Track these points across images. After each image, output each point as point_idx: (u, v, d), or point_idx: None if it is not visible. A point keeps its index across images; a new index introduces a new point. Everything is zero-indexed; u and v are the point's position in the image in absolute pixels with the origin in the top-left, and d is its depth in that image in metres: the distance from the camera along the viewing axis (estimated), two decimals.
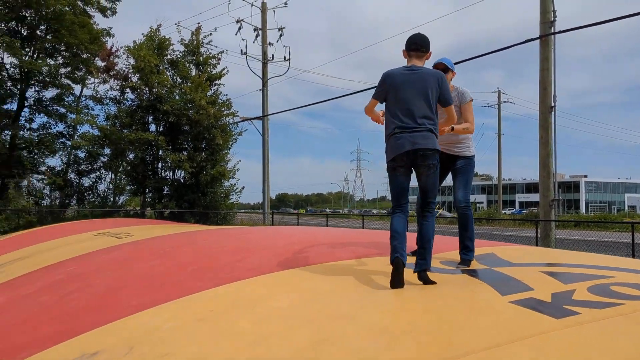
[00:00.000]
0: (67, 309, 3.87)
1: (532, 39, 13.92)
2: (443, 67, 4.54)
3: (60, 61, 24.00)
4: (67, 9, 22.37)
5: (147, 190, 23.49)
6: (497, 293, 3.09)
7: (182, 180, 23.09)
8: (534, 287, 3.15)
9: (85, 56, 23.88)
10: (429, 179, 3.86)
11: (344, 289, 3.52)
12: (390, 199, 4.33)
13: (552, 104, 14.02)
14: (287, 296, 3.39)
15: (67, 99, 24.75)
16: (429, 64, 4.35)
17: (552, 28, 13.99)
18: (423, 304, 3.09)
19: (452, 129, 4.28)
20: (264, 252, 4.90)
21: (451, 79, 4.66)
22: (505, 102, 54.98)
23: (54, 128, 24.62)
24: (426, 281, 3.55)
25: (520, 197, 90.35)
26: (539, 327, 2.44)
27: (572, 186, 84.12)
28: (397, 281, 3.40)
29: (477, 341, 2.36)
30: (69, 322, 3.50)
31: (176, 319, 3.10)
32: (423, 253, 3.67)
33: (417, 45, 4.02)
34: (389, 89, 3.91)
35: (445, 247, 4.99)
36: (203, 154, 22.85)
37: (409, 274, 3.62)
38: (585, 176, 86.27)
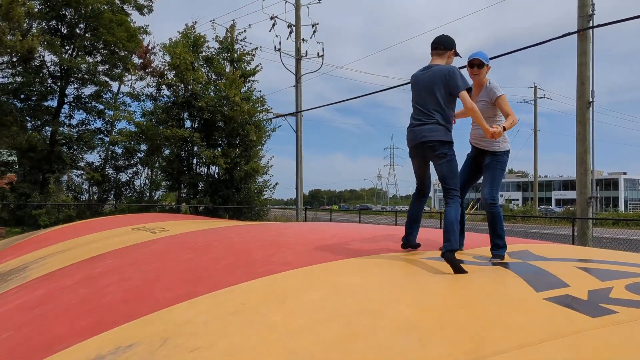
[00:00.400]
0: (104, 301, 3.96)
1: (569, 33, 13.62)
2: (478, 62, 4.57)
3: (99, 59, 24.54)
4: (105, 7, 22.84)
5: (182, 185, 23.81)
6: (531, 289, 3.04)
7: (216, 176, 23.32)
8: (569, 284, 3.09)
9: (122, 54, 24.35)
10: (442, 168, 4.13)
11: (374, 283, 3.52)
12: None
13: (590, 99, 13.69)
14: (317, 290, 3.40)
15: (105, 96, 25.32)
16: (461, 61, 4.48)
17: (591, 22, 13.65)
18: (454, 299, 3.06)
19: (504, 128, 4.34)
20: (297, 247, 4.93)
21: (486, 73, 4.65)
22: (541, 97, 53.90)
23: (93, 124, 25.24)
24: (452, 262, 3.68)
25: (556, 195, 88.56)
26: (573, 326, 2.40)
27: (610, 183, 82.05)
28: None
29: (509, 339, 2.32)
30: (105, 314, 3.59)
31: (209, 312, 3.14)
32: (446, 235, 3.87)
33: (436, 44, 4.40)
34: (412, 88, 4.38)
35: (478, 243, 4.93)
36: (237, 150, 23.01)
37: (444, 265, 3.60)
38: (625, 173, 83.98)
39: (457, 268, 3.64)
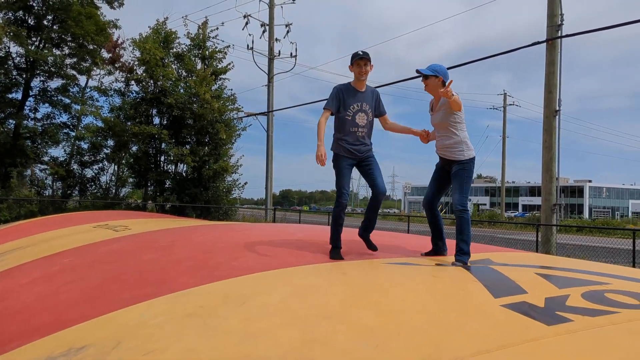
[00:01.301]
0: (60, 300, 3.87)
1: (538, 42, 13.85)
2: (420, 74, 4.88)
3: (66, 52, 24.02)
4: None
5: (149, 183, 23.48)
6: (489, 294, 3.06)
7: (184, 174, 23.05)
8: (527, 290, 3.12)
9: (91, 47, 23.88)
10: None
11: (335, 286, 3.51)
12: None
13: (557, 108, 13.95)
14: (277, 293, 3.37)
15: (72, 90, 24.79)
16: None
17: (559, 32, 13.91)
18: (414, 303, 3.06)
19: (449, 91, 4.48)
20: (260, 250, 4.89)
21: (439, 84, 4.76)
22: (511, 104, 54.81)
23: (58, 118, 24.66)
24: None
25: (523, 200, 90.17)
26: (529, 334, 2.41)
27: (576, 191, 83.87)
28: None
29: (466, 346, 2.33)
30: (61, 314, 3.50)
31: (165, 314, 3.08)
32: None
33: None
34: None
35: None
36: (206, 148, 22.80)
37: (405, 270, 3.59)
38: (590, 181, 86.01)
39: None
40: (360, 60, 4.66)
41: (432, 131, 5.07)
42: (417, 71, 4.87)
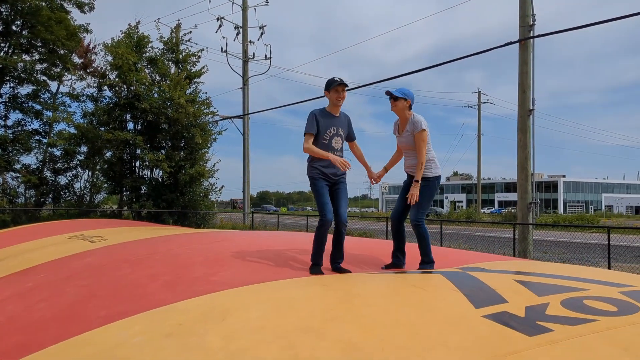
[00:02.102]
0: (34, 319, 3.76)
1: (511, 42, 14.00)
2: (389, 94, 5.09)
3: (37, 57, 23.62)
4: (44, 4, 22.02)
5: (125, 189, 23.20)
6: (470, 305, 3.06)
7: (160, 179, 22.82)
8: (507, 299, 3.12)
9: (62, 52, 23.53)
10: None
11: (315, 299, 3.47)
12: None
13: (531, 107, 14.12)
14: (258, 308, 3.32)
15: (43, 96, 24.39)
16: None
17: (531, 32, 14.08)
18: (396, 316, 3.04)
19: (417, 181, 4.90)
20: (239, 263, 4.85)
21: (405, 107, 5.05)
22: (485, 102, 55.47)
23: (30, 125, 24.25)
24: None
25: (499, 197, 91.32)
26: (511, 346, 2.41)
27: (550, 186, 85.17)
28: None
29: None
30: (33, 334, 3.40)
31: (143, 333, 3.01)
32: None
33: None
34: None
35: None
36: (182, 153, 22.62)
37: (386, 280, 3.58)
38: (564, 176, 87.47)
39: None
40: (339, 87, 4.78)
41: (395, 152, 5.40)
42: (387, 92, 5.07)
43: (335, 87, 4.76)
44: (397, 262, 5.09)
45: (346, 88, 4.83)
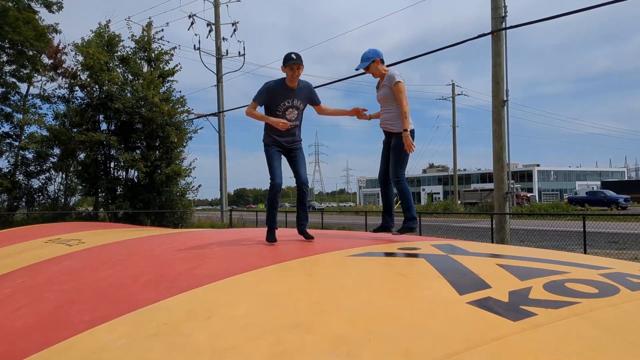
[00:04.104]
0: (14, 328, 3.69)
1: (484, 34, 14.14)
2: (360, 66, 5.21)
3: (5, 59, 23.16)
4: (10, 4, 21.57)
5: (100, 190, 22.90)
6: (455, 292, 3.09)
7: (136, 179, 22.58)
8: (491, 284, 3.16)
9: (30, 53, 23.13)
10: None
11: (300, 291, 3.48)
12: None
13: (505, 98, 14.29)
14: (244, 304, 3.31)
15: (12, 98, 23.93)
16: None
17: (504, 23, 14.23)
18: (382, 307, 3.05)
19: (405, 130, 4.94)
20: (221, 255, 4.83)
21: (378, 65, 5.16)
22: (459, 94, 55.96)
23: (0, 129, 23.78)
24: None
25: (476, 187, 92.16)
26: (497, 332, 2.44)
27: (525, 175, 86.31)
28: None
29: (436, 349, 2.34)
30: (15, 342, 3.34)
31: (129, 335, 2.99)
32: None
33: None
34: None
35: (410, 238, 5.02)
36: (157, 152, 22.41)
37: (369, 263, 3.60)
38: (538, 165, 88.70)
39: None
40: (293, 64, 4.91)
41: (376, 112, 5.47)
42: (357, 69, 5.20)
43: (290, 64, 4.91)
44: (384, 225, 5.32)
45: (302, 65, 4.94)
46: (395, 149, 5.03)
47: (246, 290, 3.61)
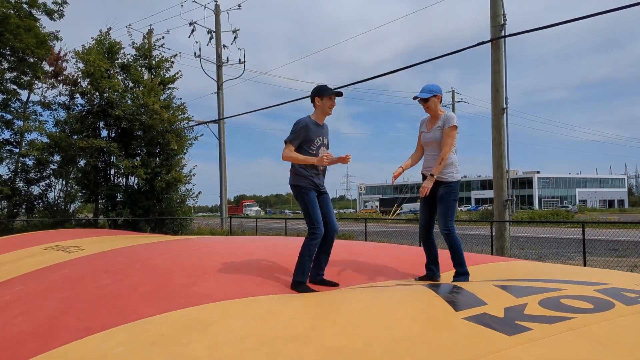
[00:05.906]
0: (13, 334, 3.70)
1: (483, 42, 14.18)
2: (418, 99, 4.99)
3: (6, 66, 23.16)
4: (12, 12, 21.62)
5: (100, 197, 22.88)
6: (451, 309, 3.10)
7: (136, 186, 22.54)
8: (486, 302, 3.17)
9: (32, 60, 23.11)
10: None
11: (298, 307, 3.48)
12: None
13: (504, 106, 14.30)
14: (241, 317, 3.32)
15: (13, 105, 23.93)
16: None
17: (503, 31, 14.27)
18: (378, 322, 3.07)
19: (432, 175, 4.73)
20: (220, 272, 4.84)
21: (438, 103, 4.97)
22: (459, 101, 56.01)
23: (0, 135, 23.79)
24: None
25: (475, 194, 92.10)
26: (492, 346, 2.45)
27: (525, 182, 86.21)
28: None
29: None
30: (12, 348, 3.35)
31: (126, 343, 3.00)
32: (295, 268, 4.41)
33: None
34: None
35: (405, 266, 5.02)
36: (157, 159, 22.38)
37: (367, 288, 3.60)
38: (538, 172, 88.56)
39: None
40: (333, 95, 4.67)
41: (415, 152, 5.17)
42: (415, 98, 4.97)
43: (330, 94, 4.63)
44: (431, 275, 4.86)
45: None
46: (443, 198, 4.70)
47: (244, 306, 3.63)
